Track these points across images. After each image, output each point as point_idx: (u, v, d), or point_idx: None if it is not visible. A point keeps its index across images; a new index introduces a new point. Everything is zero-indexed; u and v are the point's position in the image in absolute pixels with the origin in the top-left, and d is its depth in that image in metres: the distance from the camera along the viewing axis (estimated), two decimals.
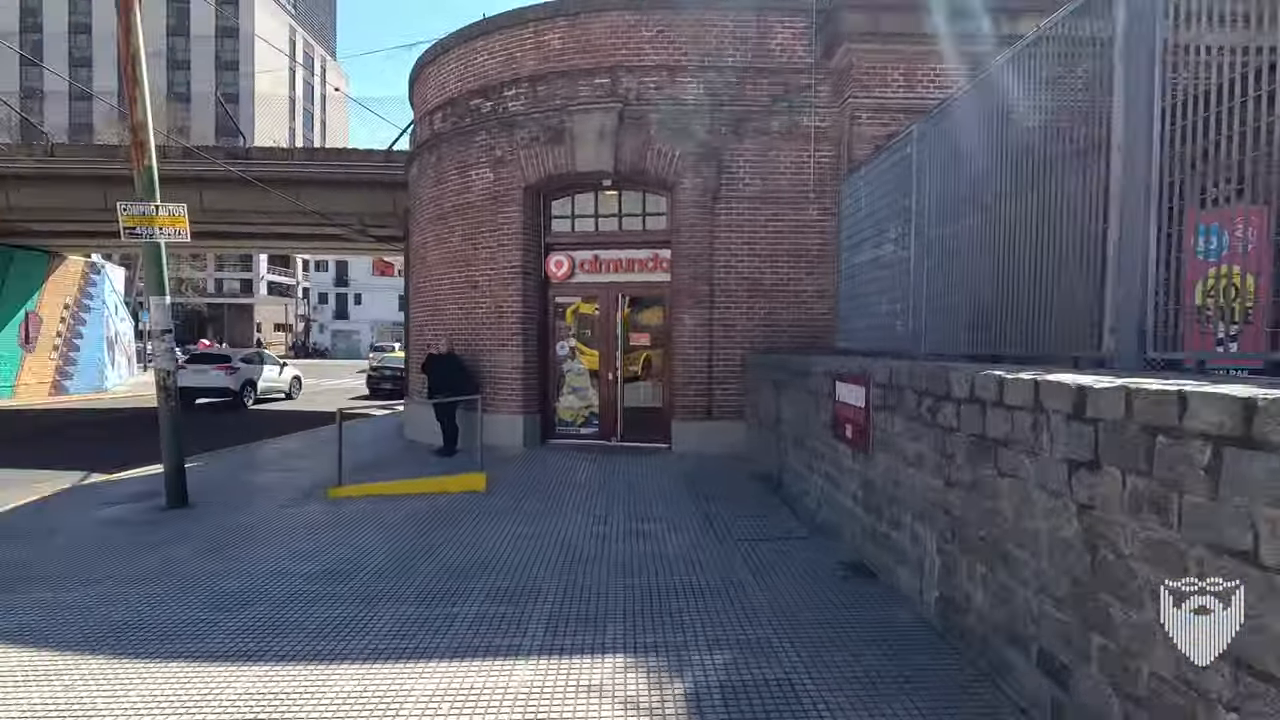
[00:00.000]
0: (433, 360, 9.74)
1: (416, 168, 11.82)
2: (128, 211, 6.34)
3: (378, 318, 67.08)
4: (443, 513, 6.36)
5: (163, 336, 6.55)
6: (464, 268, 10.34)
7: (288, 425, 14.69)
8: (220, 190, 15.62)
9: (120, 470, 9.13)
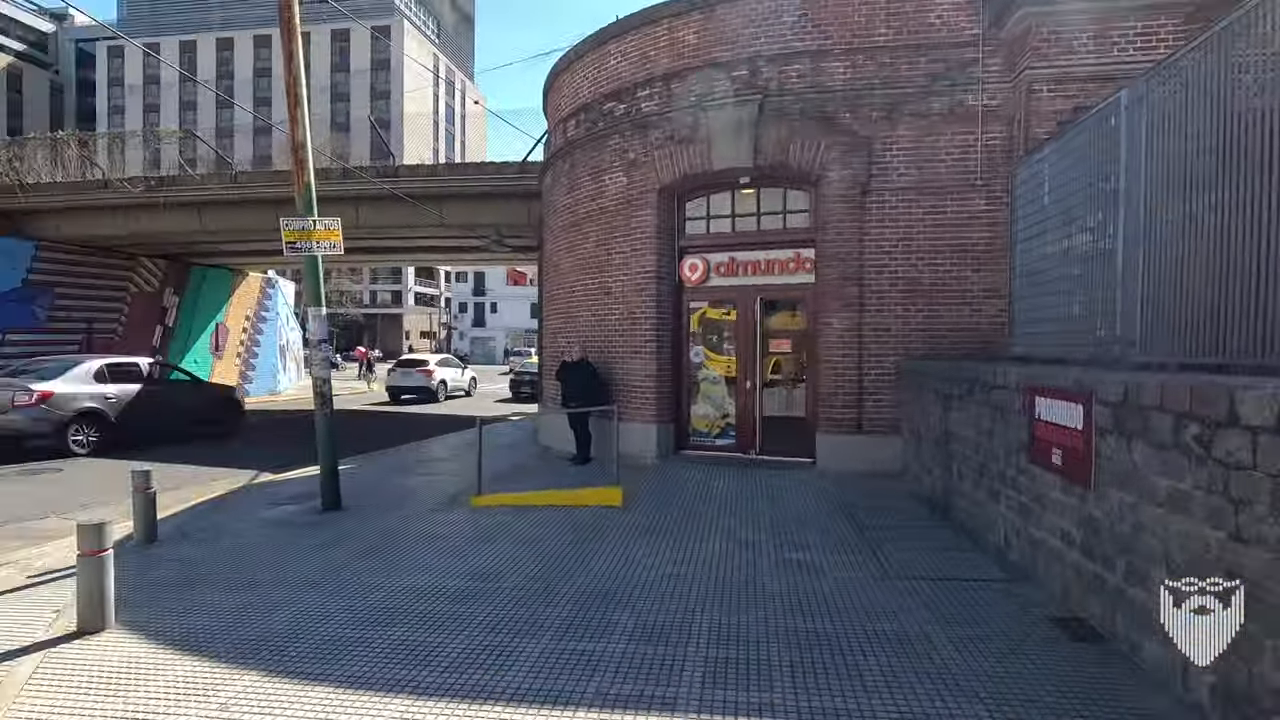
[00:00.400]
0: (566, 368, 9.66)
1: (550, 176, 11.89)
2: (289, 227, 6.66)
3: (511, 325, 70.44)
4: (581, 529, 6.12)
5: (320, 346, 6.83)
6: (596, 274, 10.20)
7: (432, 428, 15.38)
8: (374, 207, 16.68)
9: (286, 470, 9.78)
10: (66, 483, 9.14)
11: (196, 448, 12.58)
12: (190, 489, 8.86)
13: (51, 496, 8.31)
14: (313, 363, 6.92)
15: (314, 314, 6.81)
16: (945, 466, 6.42)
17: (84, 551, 3.86)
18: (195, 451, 12.08)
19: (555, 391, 10.94)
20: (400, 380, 23.69)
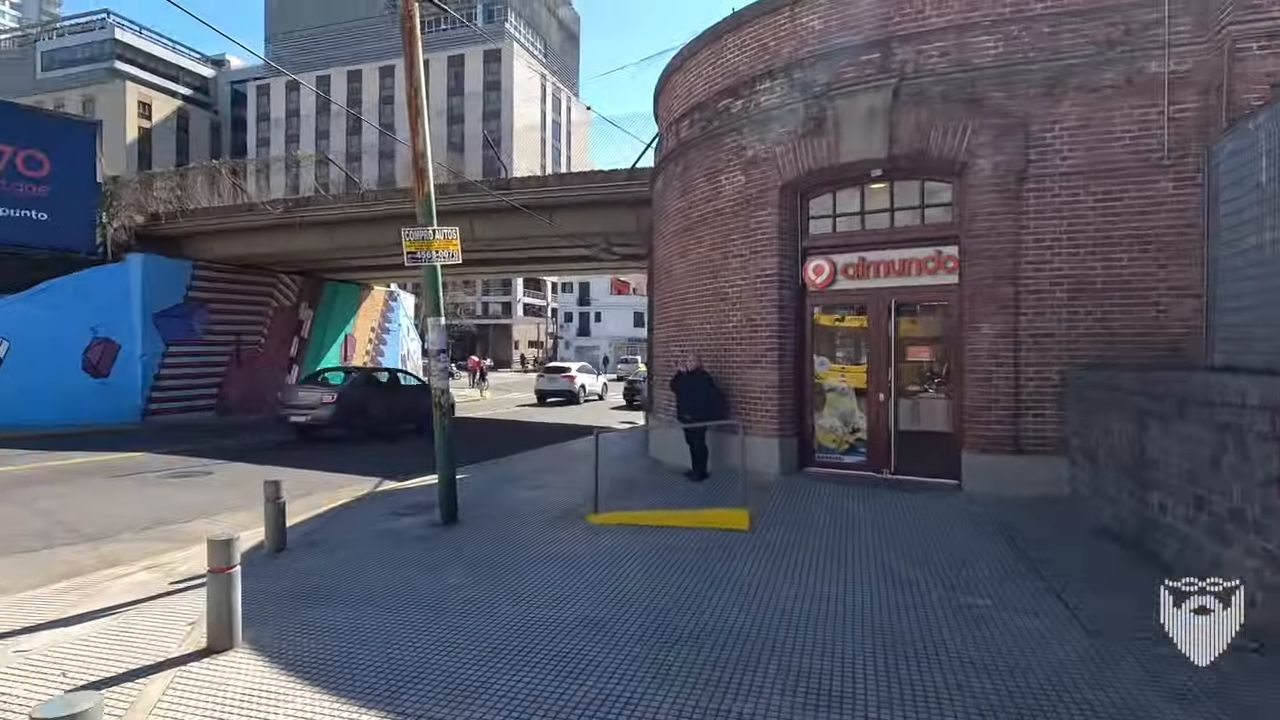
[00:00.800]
0: (681, 378, 9.22)
1: (661, 180, 11.55)
2: (409, 237, 6.64)
3: (615, 334, 71.25)
4: (707, 555, 5.62)
5: (438, 356, 6.75)
6: (711, 279, 9.71)
7: (542, 437, 15.41)
8: (487, 220, 17.05)
9: (407, 478, 9.94)
10: (214, 486, 9.70)
11: (330, 453, 13.18)
12: (320, 495, 9.13)
13: (198, 500, 8.79)
14: (431, 373, 6.86)
15: (433, 324, 6.75)
16: (1139, 497, 5.41)
17: (214, 567, 3.80)
18: (327, 458, 12.64)
19: (668, 402, 10.53)
20: (547, 385, 26.88)
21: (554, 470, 10.47)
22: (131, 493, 9.08)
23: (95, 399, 17.84)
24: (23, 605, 4.81)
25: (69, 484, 9.59)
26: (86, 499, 8.64)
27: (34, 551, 6.43)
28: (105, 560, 6.24)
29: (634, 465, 10.74)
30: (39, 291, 17.43)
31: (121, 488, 9.35)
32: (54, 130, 18.23)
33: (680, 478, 9.17)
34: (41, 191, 17.75)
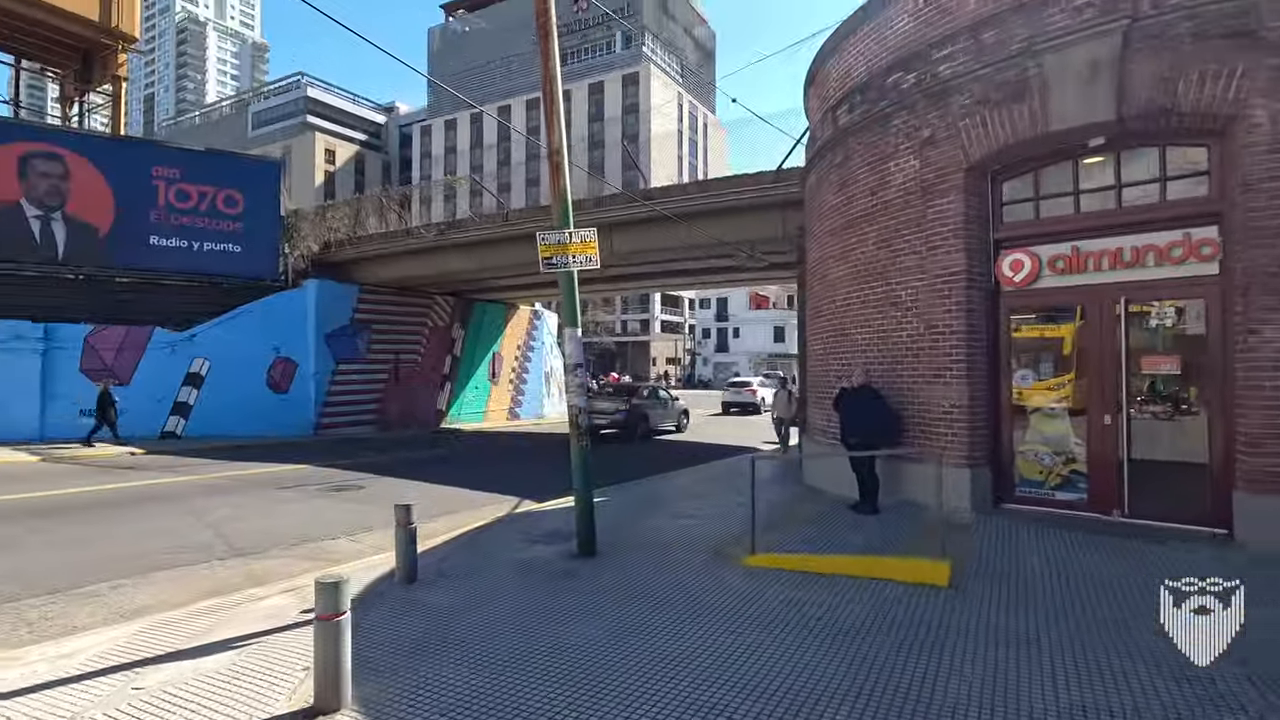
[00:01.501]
0: (845, 397, 8.01)
1: (814, 176, 10.42)
2: (545, 241, 6.11)
3: (753, 349, 69.50)
4: (904, 622, 4.46)
5: (575, 370, 6.14)
6: (878, 282, 8.43)
7: (682, 458, 14.61)
8: (625, 233, 16.68)
9: (546, 500, 9.50)
10: (363, 501, 9.81)
11: (479, 468, 13.21)
12: (462, 514, 8.90)
13: (347, 516, 8.84)
14: (567, 389, 6.24)
15: (569, 335, 6.15)
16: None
17: (320, 614, 3.30)
18: (474, 474, 12.63)
19: (827, 423, 9.32)
20: (733, 397, 30.93)
21: (699, 495, 9.58)
22: (290, 506, 9.34)
23: (276, 413, 19.49)
24: (158, 629, 4.66)
25: (241, 494, 10.10)
26: (251, 511, 8.96)
27: (193, 566, 6.53)
28: (251, 578, 6.18)
29: (787, 492, 9.60)
30: (233, 316, 19.38)
31: (282, 500, 9.68)
32: (246, 170, 20.37)
33: (845, 510, 7.94)
34: (237, 227, 19.82)
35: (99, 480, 11.23)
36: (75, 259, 17.85)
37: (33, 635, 4.85)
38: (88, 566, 6.40)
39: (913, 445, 7.87)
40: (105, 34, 20.28)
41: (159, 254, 18.75)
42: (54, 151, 17.50)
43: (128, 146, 18.76)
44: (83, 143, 18.13)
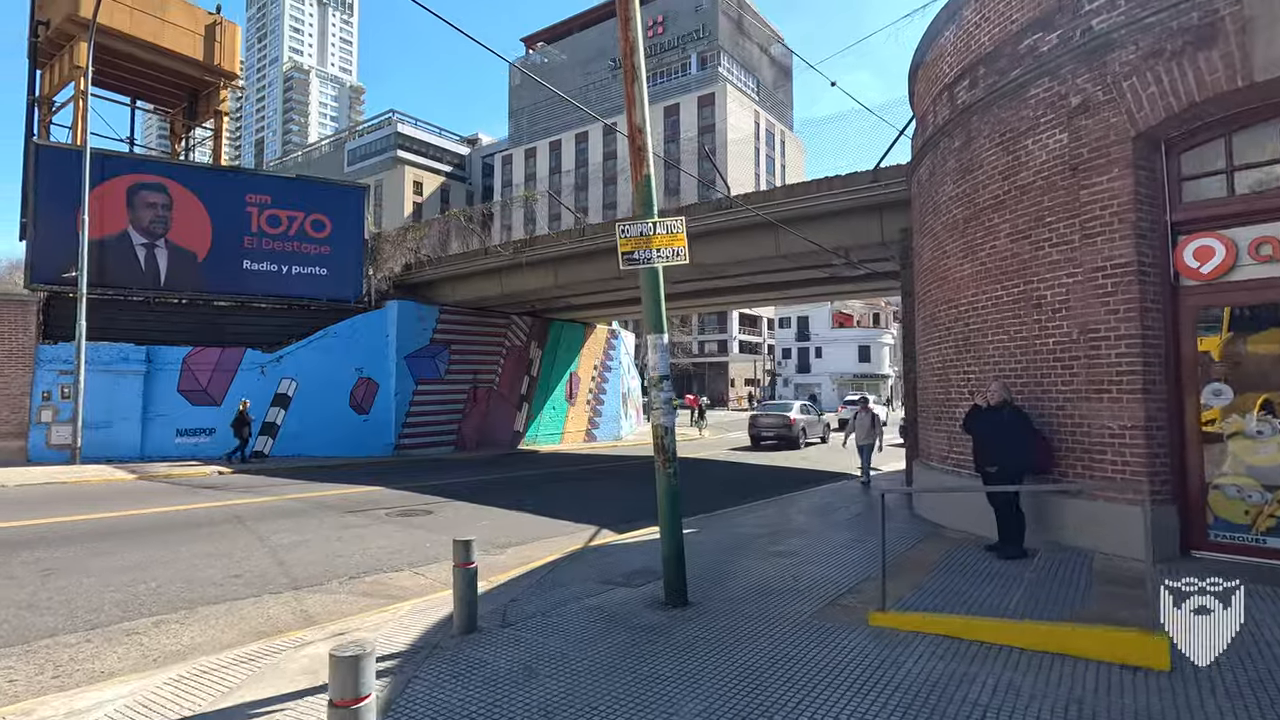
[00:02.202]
0: (979, 416, 6.72)
1: (926, 167, 9.21)
2: (625, 234, 5.26)
3: (836, 369, 66.75)
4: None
5: (660, 384, 5.21)
6: (1015, 280, 7.13)
7: (774, 484, 13.41)
8: (704, 244, 15.75)
9: (627, 530, 8.59)
10: (430, 528, 9.20)
11: (558, 488, 12.49)
12: (534, 545, 8.12)
13: (413, 544, 8.21)
14: (653, 405, 5.32)
15: (654, 343, 5.25)
16: None
17: (336, 699, 2.47)
18: (548, 498, 11.90)
19: (948, 447, 8.02)
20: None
21: (794, 531, 8.42)
22: (356, 532, 8.82)
23: (358, 433, 19.55)
24: (186, 681, 4.02)
25: (311, 518, 9.70)
26: (316, 537, 8.48)
27: (242, 600, 5.97)
28: (303, 616, 5.54)
29: (899, 529, 8.30)
30: (319, 338, 19.67)
31: (350, 526, 9.20)
32: (332, 195, 20.82)
33: (981, 554, 6.62)
34: (324, 250, 20.22)
35: (178, 500, 11.17)
36: (176, 284, 18.57)
37: (57, 681, 4.32)
38: (138, 597, 5.95)
39: (1065, 475, 6.49)
40: (209, 72, 21.37)
41: (251, 278, 19.30)
42: (158, 182, 18.35)
43: (224, 175, 19.53)
44: (183, 173, 18.97)
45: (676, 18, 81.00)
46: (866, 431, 12.85)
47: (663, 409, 5.16)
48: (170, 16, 20.01)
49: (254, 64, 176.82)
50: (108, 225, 17.81)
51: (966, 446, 7.55)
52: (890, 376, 66.93)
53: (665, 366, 5.22)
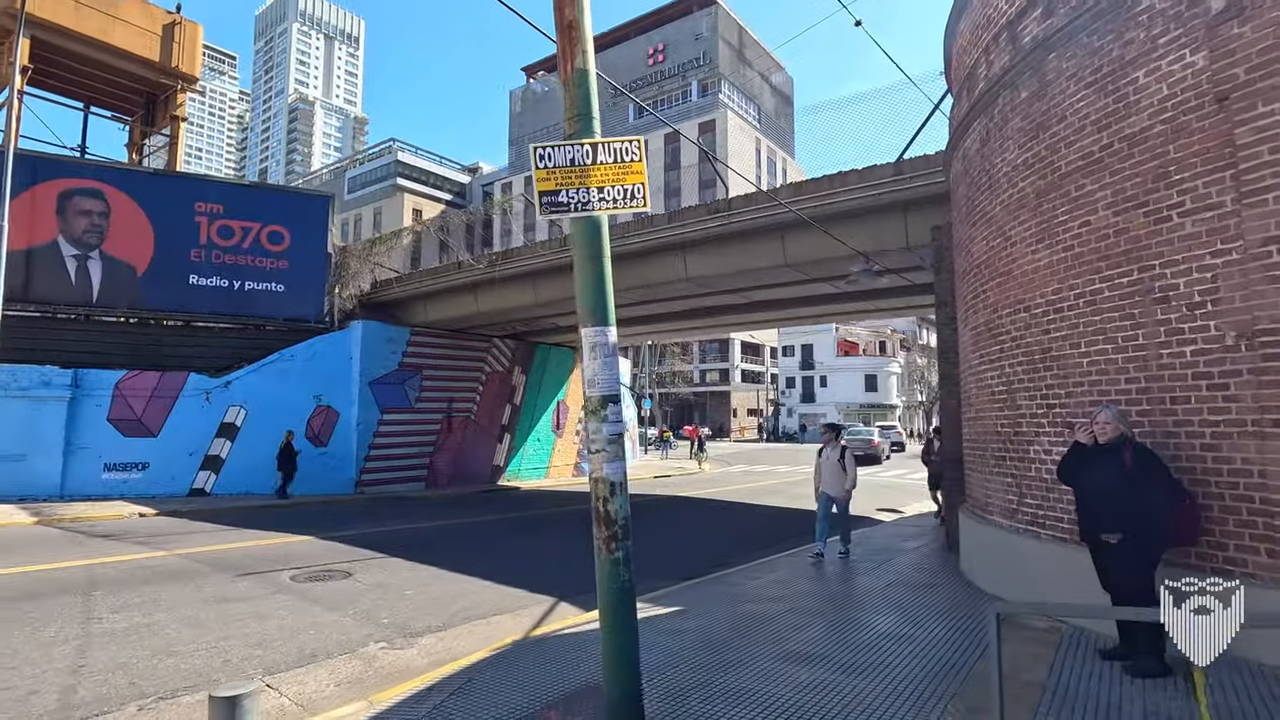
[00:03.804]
0: (1085, 459, 4.60)
1: (976, 136, 7.24)
2: (545, 163, 3.24)
3: (842, 399, 64.51)
4: None
5: (602, 412, 3.14)
6: (1123, 266, 5.10)
7: (774, 530, 11.22)
8: (702, 254, 13.84)
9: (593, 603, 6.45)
10: (337, 601, 7.05)
11: (517, 539, 10.30)
12: (461, 632, 5.98)
13: (298, 628, 6.07)
14: (591, 447, 3.24)
15: (592, 343, 3.20)
16: None
17: None
18: (509, 556, 9.73)
19: (1014, 497, 5.93)
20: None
21: (813, 608, 6.24)
22: (231, 608, 6.67)
23: (314, 468, 17.39)
24: None
25: (187, 585, 7.55)
26: (169, 618, 6.33)
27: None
28: None
29: (944, 604, 6.14)
30: (273, 361, 17.66)
31: (229, 598, 7.04)
32: (292, 205, 19.00)
33: (1098, 664, 4.47)
34: (282, 264, 18.33)
35: (47, 555, 9.03)
36: (110, 299, 16.65)
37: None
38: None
39: (1223, 549, 4.37)
40: (166, 75, 19.75)
41: (198, 294, 17.37)
42: (94, 187, 16.55)
43: (169, 181, 17.73)
44: (123, 178, 17.16)
45: (677, 46, 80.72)
46: (834, 474, 8.62)
47: (605, 452, 3.08)
48: (122, 13, 18.44)
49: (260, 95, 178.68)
50: (36, 234, 15.97)
51: (1045, 497, 5.46)
52: (898, 406, 64.62)
53: (612, 382, 3.16)
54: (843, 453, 8.67)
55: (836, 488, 8.61)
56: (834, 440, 8.79)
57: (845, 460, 8.63)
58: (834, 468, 8.64)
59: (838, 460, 8.65)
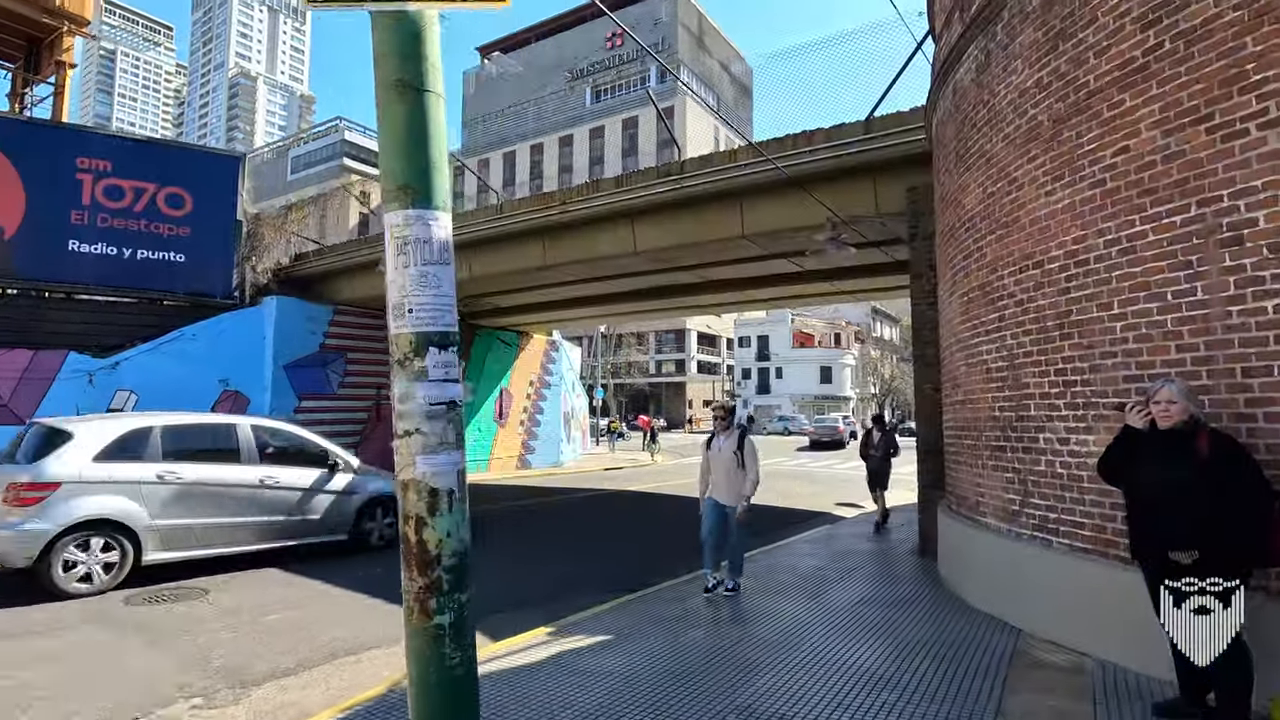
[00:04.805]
0: (1142, 449, 3.42)
1: (971, 65, 6.06)
2: None
3: (798, 391, 64.34)
4: None
5: (416, 360, 1.77)
6: (1173, 201, 3.95)
7: None
8: (654, 223, 12.50)
9: (504, 630, 5.06)
10: (176, 626, 5.51)
11: None
12: (313, 677, 4.52)
13: (97, 671, 4.55)
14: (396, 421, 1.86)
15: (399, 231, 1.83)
16: None
17: None
18: None
19: (1016, 497, 4.79)
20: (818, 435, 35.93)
21: (775, 637, 4.98)
22: (20, 646, 5.07)
23: None
24: None
25: None
26: None
27: None
28: None
29: (929, 630, 4.97)
30: (172, 339, 15.64)
31: (31, 629, 5.42)
32: (196, 165, 16.84)
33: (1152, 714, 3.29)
34: (183, 232, 16.24)
35: None
36: None
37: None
38: None
39: None
40: (50, 14, 17.34)
41: (81, 262, 15.17)
42: None
43: (45, 131, 15.43)
44: None
45: (636, 30, 79.02)
46: (728, 473, 6.05)
47: (422, 435, 1.71)
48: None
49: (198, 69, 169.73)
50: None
51: (1059, 497, 4.32)
52: (852, 398, 64.69)
53: (440, 309, 1.81)
54: (741, 441, 6.03)
55: (731, 493, 6.02)
56: (729, 425, 6.22)
57: (745, 452, 5.99)
58: (728, 464, 6.02)
59: (734, 452, 6.00)
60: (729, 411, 6.36)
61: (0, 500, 6.18)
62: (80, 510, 6.37)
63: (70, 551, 6.30)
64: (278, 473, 7.82)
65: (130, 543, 6.61)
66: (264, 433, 8.19)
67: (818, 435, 35.23)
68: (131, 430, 7.02)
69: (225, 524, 7.26)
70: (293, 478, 7.95)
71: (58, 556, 6.22)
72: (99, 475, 6.56)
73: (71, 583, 6.27)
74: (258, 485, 7.57)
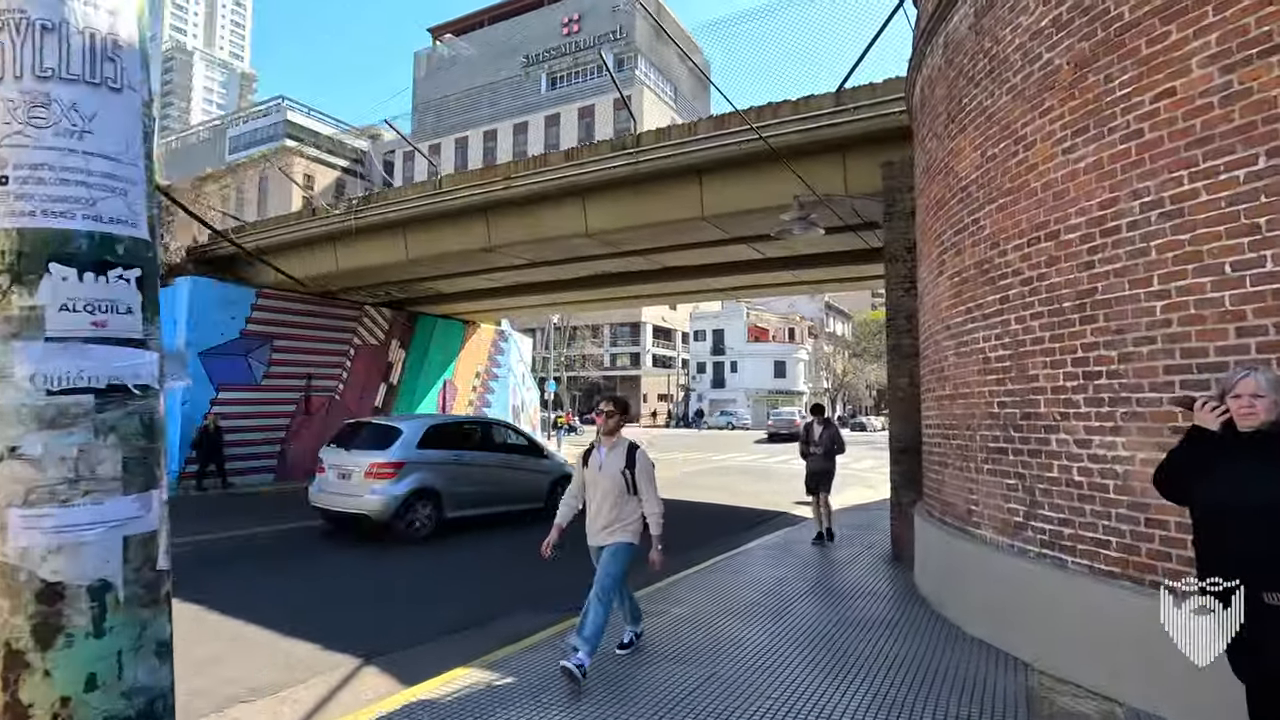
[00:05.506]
0: (1218, 456, 2.67)
1: (968, 10, 5.31)
2: None
3: (752, 386, 64.35)
4: None
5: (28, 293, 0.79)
6: (1236, 152, 3.24)
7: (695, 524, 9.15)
8: (608, 201, 11.56)
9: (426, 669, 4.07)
10: None
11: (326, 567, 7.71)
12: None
13: None
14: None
15: None
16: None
17: None
18: (319, 579, 7.14)
19: (1020, 507, 4.05)
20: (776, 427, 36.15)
21: (738, 674, 4.15)
22: None
23: None
24: None
25: None
26: None
27: None
28: None
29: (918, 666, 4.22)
30: None
31: None
32: None
33: None
34: None
35: None
36: None
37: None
38: None
39: None
40: None
41: None
42: None
43: None
44: None
45: (593, 17, 77.57)
46: (614, 499, 4.26)
47: (52, 470, 0.70)
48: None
49: None
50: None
51: (1077, 510, 3.60)
52: (805, 393, 65.02)
53: (123, 208, 0.84)
54: (630, 458, 4.28)
55: (619, 527, 4.26)
56: (616, 430, 4.39)
57: (636, 471, 4.26)
58: (614, 487, 4.25)
59: (621, 471, 4.25)
60: (622, 409, 4.44)
61: (365, 475, 8.73)
62: (416, 481, 8.93)
63: (413, 509, 8.90)
64: (511, 458, 10.65)
65: (436, 505, 9.15)
66: (503, 427, 11.62)
67: (776, 428, 36.30)
68: (433, 425, 9.68)
69: (485, 492, 9.81)
70: (519, 461, 10.71)
71: (404, 511, 8.78)
72: (421, 458, 9.11)
73: (409, 530, 8.84)
74: (503, 466, 10.35)
